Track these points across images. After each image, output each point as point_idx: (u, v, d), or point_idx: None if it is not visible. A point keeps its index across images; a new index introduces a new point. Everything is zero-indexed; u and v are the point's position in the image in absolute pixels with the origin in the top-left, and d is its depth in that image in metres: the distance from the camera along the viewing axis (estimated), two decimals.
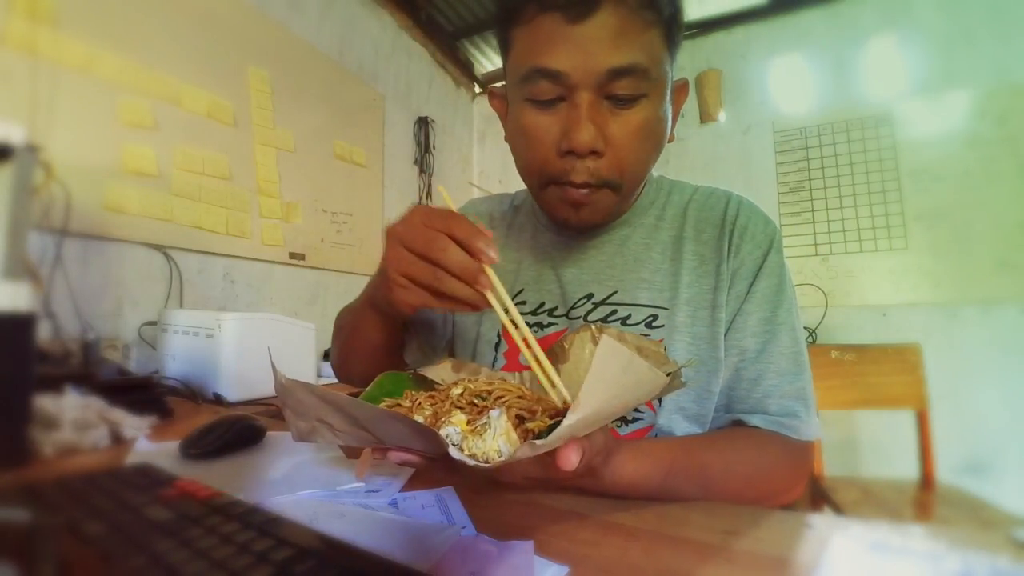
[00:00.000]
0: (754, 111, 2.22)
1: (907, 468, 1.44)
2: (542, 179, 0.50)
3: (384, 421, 0.30)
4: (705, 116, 2.29)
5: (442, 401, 0.40)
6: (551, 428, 0.34)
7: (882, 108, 1.99)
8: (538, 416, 0.37)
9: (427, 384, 0.49)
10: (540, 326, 0.58)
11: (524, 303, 0.60)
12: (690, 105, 2.34)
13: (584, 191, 0.49)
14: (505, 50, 0.51)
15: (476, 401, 0.39)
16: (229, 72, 1.47)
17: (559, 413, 0.37)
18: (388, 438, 0.32)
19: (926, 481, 1.37)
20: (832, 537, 0.33)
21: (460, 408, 0.38)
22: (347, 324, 0.60)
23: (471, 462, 0.29)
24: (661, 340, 0.52)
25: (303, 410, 0.33)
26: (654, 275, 0.56)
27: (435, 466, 0.34)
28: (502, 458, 0.30)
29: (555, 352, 0.50)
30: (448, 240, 0.37)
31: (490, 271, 0.37)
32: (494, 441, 0.31)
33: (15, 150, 0.49)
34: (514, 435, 0.32)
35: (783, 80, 2.17)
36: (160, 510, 0.32)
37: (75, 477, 0.38)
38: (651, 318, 0.53)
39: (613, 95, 0.45)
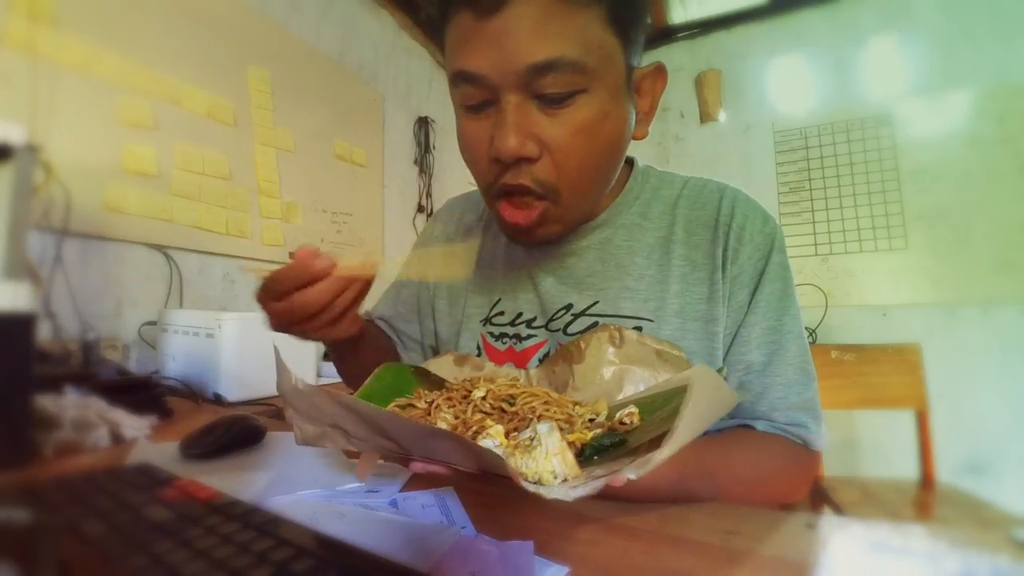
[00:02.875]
0: (754, 111, 2.22)
1: (907, 468, 1.44)
2: (485, 188, 0.48)
3: (427, 437, 0.28)
4: (705, 116, 2.29)
5: (460, 401, 0.39)
6: (594, 442, 0.33)
7: (882, 108, 1.99)
8: (576, 427, 0.36)
9: (429, 378, 0.49)
10: (519, 338, 0.55)
11: (502, 313, 0.57)
12: (690, 105, 2.35)
13: (523, 214, 0.45)
14: (443, 54, 0.48)
15: (504, 407, 0.38)
16: (229, 72, 1.47)
17: (597, 423, 0.37)
18: (422, 451, 0.30)
19: (926, 481, 1.37)
20: (832, 537, 0.33)
21: (487, 414, 0.37)
22: (337, 367, 0.62)
23: (549, 494, 0.26)
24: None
25: (316, 415, 0.32)
26: (638, 283, 0.51)
27: (459, 474, 0.32)
28: (557, 479, 0.28)
29: (570, 352, 0.49)
30: (300, 295, 0.40)
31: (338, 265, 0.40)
32: (547, 461, 0.29)
33: (15, 150, 0.49)
34: (570, 456, 0.30)
35: (783, 80, 2.18)
36: (160, 510, 0.32)
37: (75, 477, 0.38)
38: (635, 330, 0.49)
39: (542, 94, 0.41)
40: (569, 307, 0.53)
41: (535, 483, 0.28)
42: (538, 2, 0.38)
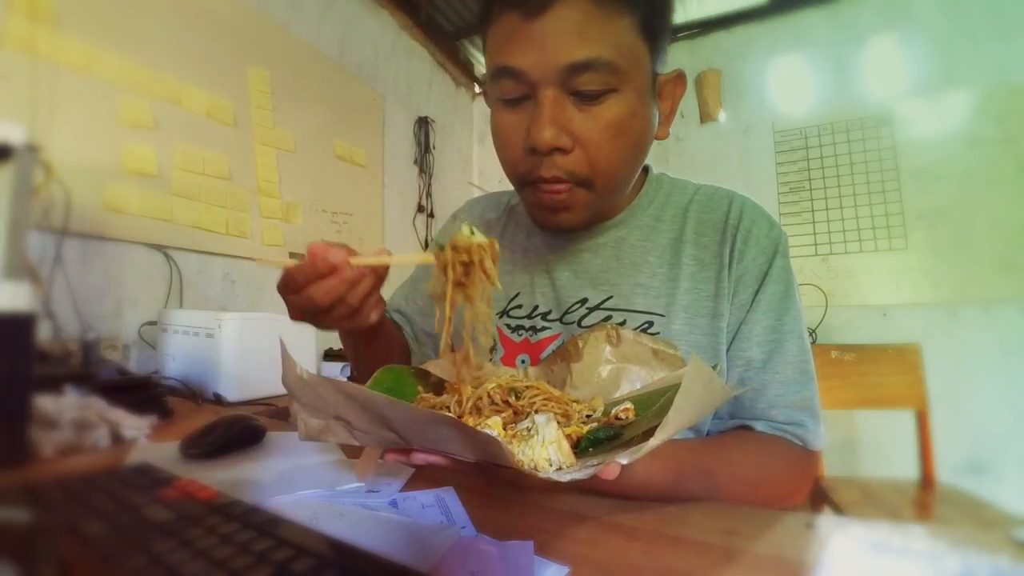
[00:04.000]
0: (754, 111, 2.22)
1: (907, 468, 1.44)
2: (518, 179, 0.50)
3: (427, 424, 0.29)
4: (705, 116, 2.29)
5: (473, 393, 0.39)
6: (589, 435, 0.33)
7: (882, 108, 1.99)
8: (573, 421, 0.36)
9: (429, 379, 0.49)
10: (534, 330, 0.57)
11: (520, 306, 0.59)
12: (690, 105, 2.34)
13: (558, 195, 0.47)
14: (484, 51, 0.51)
15: (510, 400, 0.38)
16: (229, 72, 1.47)
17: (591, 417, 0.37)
18: (422, 440, 0.31)
19: (926, 481, 1.37)
20: (832, 537, 0.33)
21: (496, 406, 0.38)
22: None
23: (542, 475, 0.27)
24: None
25: (320, 406, 0.32)
26: (651, 280, 0.54)
27: (459, 467, 0.32)
28: (552, 467, 0.29)
29: (568, 351, 0.49)
30: (315, 288, 0.41)
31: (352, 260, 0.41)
32: (543, 449, 0.30)
33: (15, 150, 0.49)
34: (565, 444, 0.31)
35: (783, 80, 2.17)
36: (160, 510, 0.32)
37: (75, 477, 0.38)
38: (646, 325, 0.51)
39: (578, 91, 0.44)
40: (584, 301, 0.55)
41: (532, 469, 0.29)
42: (579, 7, 0.42)
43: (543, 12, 0.42)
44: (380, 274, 0.44)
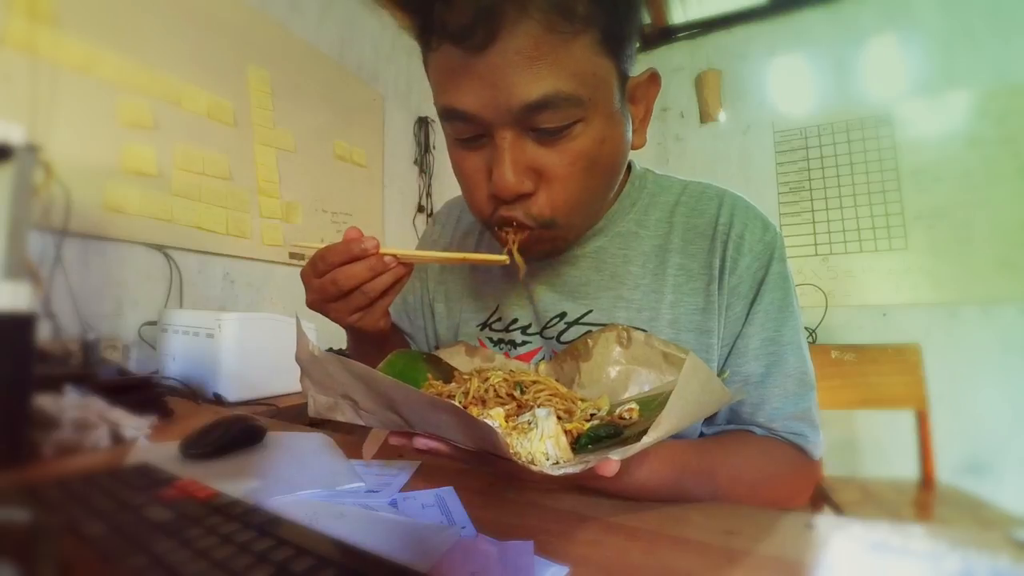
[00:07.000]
0: (754, 111, 2.22)
1: (907, 468, 1.44)
2: (483, 221, 0.47)
3: (429, 408, 0.29)
4: (705, 116, 2.29)
5: (480, 386, 0.40)
6: (590, 431, 0.34)
7: (882, 108, 1.99)
8: (576, 417, 0.36)
9: (440, 366, 0.49)
10: (513, 344, 0.55)
11: (499, 319, 0.57)
12: (690, 105, 2.35)
13: (524, 241, 0.45)
14: (427, 77, 0.45)
15: (516, 394, 0.39)
16: (229, 72, 1.47)
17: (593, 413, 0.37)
18: (424, 425, 0.31)
19: (926, 481, 1.37)
20: (832, 537, 0.33)
21: (501, 399, 0.38)
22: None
23: (536, 469, 0.28)
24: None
25: (329, 384, 0.33)
26: (633, 292, 0.51)
27: (459, 455, 0.32)
28: (549, 461, 0.30)
29: (577, 350, 0.49)
30: (341, 271, 0.42)
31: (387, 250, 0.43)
32: (541, 443, 0.30)
33: (15, 150, 0.48)
34: (563, 439, 0.31)
35: (783, 80, 2.17)
36: (160, 510, 0.32)
37: (75, 477, 0.38)
38: (642, 331, 0.49)
39: (538, 128, 0.40)
40: (563, 315, 0.53)
41: (528, 462, 0.29)
42: (529, 36, 0.36)
43: (488, 46, 0.37)
44: (400, 275, 0.43)
